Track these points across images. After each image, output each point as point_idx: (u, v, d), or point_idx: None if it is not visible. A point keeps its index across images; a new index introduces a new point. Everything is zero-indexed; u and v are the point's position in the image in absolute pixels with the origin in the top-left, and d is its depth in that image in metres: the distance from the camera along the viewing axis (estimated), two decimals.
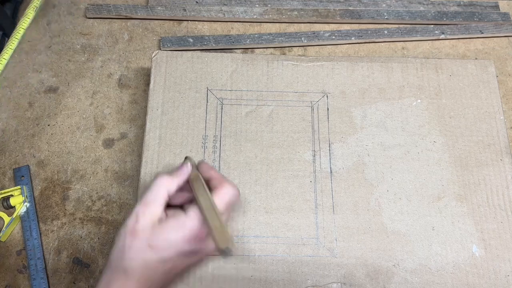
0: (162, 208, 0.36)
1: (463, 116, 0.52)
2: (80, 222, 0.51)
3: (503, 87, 0.60)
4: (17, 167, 0.53)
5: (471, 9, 0.66)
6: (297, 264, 0.45)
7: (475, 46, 0.63)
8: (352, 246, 0.46)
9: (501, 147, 0.50)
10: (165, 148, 0.49)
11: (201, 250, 0.36)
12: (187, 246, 0.35)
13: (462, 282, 0.44)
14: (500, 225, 0.47)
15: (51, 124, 0.56)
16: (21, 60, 0.60)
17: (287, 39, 0.62)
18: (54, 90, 0.58)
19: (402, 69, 0.54)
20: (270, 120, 0.51)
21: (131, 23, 0.63)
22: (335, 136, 0.50)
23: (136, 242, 0.34)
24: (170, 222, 0.35)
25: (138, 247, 0.34)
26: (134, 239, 0.35)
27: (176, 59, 0.53)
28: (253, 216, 0.47)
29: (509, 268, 0.45)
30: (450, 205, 0.47)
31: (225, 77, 0.53)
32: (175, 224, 0.35)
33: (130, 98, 0.58)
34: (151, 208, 0.36)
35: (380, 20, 0.64)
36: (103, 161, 0.54)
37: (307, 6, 0.64)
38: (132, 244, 0.34)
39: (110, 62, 0.60)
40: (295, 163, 0.49)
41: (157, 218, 0.36)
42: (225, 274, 0.44)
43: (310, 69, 0.53)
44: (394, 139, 0.50)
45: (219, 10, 0.63)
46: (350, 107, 0.52)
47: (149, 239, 0.34)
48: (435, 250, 0.46)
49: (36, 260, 0.49)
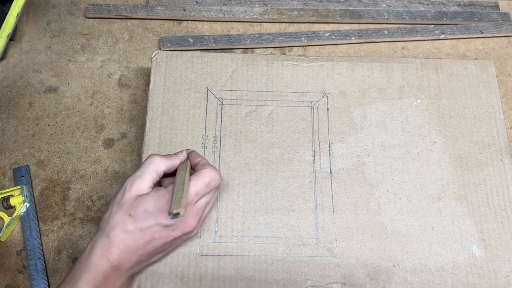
0: (148, 184, 0.40)
1: (463, 116, 0.52)
2: (80, 222, 0.51)
3: (503, 87, 0.60)
4: (17, 167, 0.53)
5: (471, 9, 0.66)
6: (297, 264, 0.45)
7: (475, 46, 0.63)
8: (352, 246, 0.46)
9: (501, 147, 0.50)
10: (165, 148, 0.49)
11: (176, 225, 0.39)
12: (163, 219, 0.38)
13: (462, 282, 0.44)
14: (500, 225, 0.47)
15: (51, 124, 0.56)
16: (21, 60, 0.60)
17: (287, 39, 0.62)
18: (54, 90, 0.58)
19: (402, 69, 0.54)
20: (270, 120, 0.51)
21: (131, 23, 0.63)
22: (335, 136, 0.50)
23: (119, 211, 0.39)
24: (150, 194, 0.39)
25: (120, 215, 0.38)
26: (118, 209, 0.39)
27: (176, 59, 0.53)
28: (253, 216, 0.47)
29: (509, 268, 0.45)
30: (450, 205, 0.47)
31: (225, 77, 0.53)
32: (154, 196, 0.39)
33: (130, 98, 0.58)
34: (138, 183, 0.40)
35: (380, 20, 0.64)
36: (103, 161, 0.54)
37: (307, 6, 0.64)
38: (116, 212, 0.39)
39: (110, 62, 0.60)
40: (295, 163, 0.49)
41: (141, 192, 0.39)
42: (225, 274, 0.44)
43: (310, 69, 0.53)
44: (394, 139, 0.50)
45: (219, 10, 0.63)
46: (350, 107, 0.52)
47: (130, 208, 0.38)
48: (435, 250, 0.46)
49: (36, 260, 0.49)
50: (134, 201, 0.39)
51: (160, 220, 0.38)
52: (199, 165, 0.42)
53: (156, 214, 0.38)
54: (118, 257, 0.38)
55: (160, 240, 0.39)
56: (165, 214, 0.38)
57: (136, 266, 0.40)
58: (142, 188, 0.40)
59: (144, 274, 0.43)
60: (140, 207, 0.38)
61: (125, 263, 0.38)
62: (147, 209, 0.38)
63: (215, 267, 0.44)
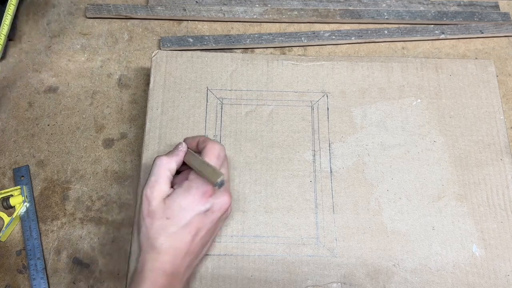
0: (167, 184, 0.40)
1: (463, 116, 0.52)
2: (80, 222, 0.51)
3: (503, 87, 0.60)
4: (17, 167, 0.53)
5: (471, 9, 0.66)
6: (297, 264, 0.45)
7: (475, 46, 0.63)
8: (352, 246, 0.45)
9: (501, 147, 0.50)
10: (165, 148, 0.49)
11: (214, 205, 0.39)
12: (200, 206, 0.38)
13: (462, 281, 0.44)
14: (500, 224, 0.47)
15: (50, 124, 0.56)
16: (21, 60, 0.60)
17: (287, 39, 0.62)
18: (54, 90, 0.58)
19: (402, 69, 0.54)
20: (270, 120, 0.51)
21: (131, 23, 0.63)
22: (335, 136, 0.50)
23: (154, 220, 0.38)
24: (176, 191, 0.39)
25: (157, 224, 0.38)
26: (153, 219, 0.38)
27: (176, 59, 0.53)
28: (253, 216, 0.46)
29: (509, 267, 0.45)
30: (450, 204, 0.47)
31: (225, 77, 0.53)
32: (182, 191, 0.38)
33: (130, 98, 0.58)
34: (157, 187, 0.39)
35: (380, 20, 0.64)
36: (103, 161, 0.54)
37: (307, 6, 0.64)
38: (152, 223, 0.38)
39: (110, 62, 0.60)
40: (295, 163, 0.49)
41: (165, 194, 0.39)
42: (225, 274, 0.44)
43: (310, 69, 0.53)
44: (394, 139, 0.50)
45: (219, 10, 0.63)
46: (350, 107, 0.52)
47: (164, 213, 0.38)
48: (435, 249, 0.45)
49: (36, 260, 0.49)
50: (164, 204, 0.38)
51: (198, 209, 0.38)
52: (200, 144, 0.42)
53: (191, 205, 0.38)
54: (171, 264, 0.37)
55: (204, 229, 0.39)
56: (199, 202, 0.38)
57: (189, 268, 0.40)
58: (164, 190, 0.39)
59: None
60: (173, 206, 0.38)
61: (179, 268, 0.38)
62: (181, 205, 0.38)
63: (215, 266, 0.44)
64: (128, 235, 0.50)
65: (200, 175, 0.39)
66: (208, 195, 0.38)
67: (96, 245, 0.50)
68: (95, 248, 0.50)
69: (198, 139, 0.43)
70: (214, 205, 0.39)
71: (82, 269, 0.49)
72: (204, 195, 0.38)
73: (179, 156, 0.42)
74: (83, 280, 0.48)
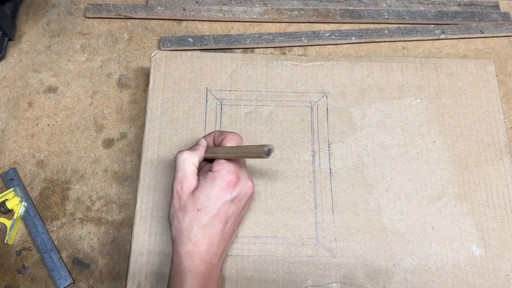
0: (194, 178, 0.41)
1: (462, 116, 0.52)
2: (80, 222, 0.51)
3: (503, 87, 0.59)
4: (4, 172, 0.53)
5: (472, 9, 0.66)
6: (296, 264, 0.45)
7: (475, 46, 0.63)
8: (352, 246, 0.45)
9: (501, 147, 0.50)
10: (165, 148, 0.49)
11: (240, 193, 0.40)
12: (227, 195, 0.40)
13: (462, 281, 0.44)
14: (500, 224, 0.47)
15: (50, 124, 0.56)
16: (20, 60, 0.60)
17: (287, 39, 0.61)
18: (53, 90, 0.58)
19: (401, 69, 0.54)
20: (270, 120, 0.51)
21: (130, 23, 0.63)
22: (335, 136, 0.50)
23: (186, 213, 0.39)
24: (202, 183, 0.40)
25: (189, 216, 0.39)
26: (184, 212, 0.39)
27: (175, 59, 0.53)
28: (252, 216, 0.46)
29: (509, 267, 0.45)
30: (450, 204, 0.47)
31: (224, 77, 0.53)
32: (208, 182, 0.40)
33: (129, 98, 0.58)
34: (185, 182, 0.40)
35: (380, 20, 0.64)
36: (103, 161, 0.54)
37: (307, 6, 0.64)
38: (184, 216, 0.39)
39: (110, 62, 0.60)
40: (294, 163, 0.49)
41: (193, 188, 0.40)
42: (225, 274, 0.44)
43: (310, 69, 0.53)
44: (394, 139, 0.50)
45: (219, 10, 0.63)
46: (349, 107, 0.52)
47: (194, 205, 0.39)
48: (435, 249, 0.45)
49: (49, 252, 0.49)
50: (193, 197, 0.40)
51: (225, 198, 0.39)
52: (217, 137, 0.43)
53: (219, 194, 0.39)
54: (207, 253, 0.39)
55: (233, 216, 0.41)
56: (226, 192, 0.39)
57: (224, 253, 0.42)
58: (191, 184, 0.40)
59: (144, 274, 0.44)
60: (202, 198, 0.39)
61: (215, 256, 0.39)
62: (209, 196, 0.39)
63: None
64: (128, 235, 0.50)
65: (236, 160, 0.41)
66: (233, 184, 0.40)
67: (96, 245, 0.50)
68: (95, 248, 0.50)
69: (213, 134, 0.44)
70: (240, 192, 0.40)
71: (82, 269, 0.49)
72: (229, 184, 0.40)
73: (200, 151, 0.42)
74: (83, 280, 0.49)
